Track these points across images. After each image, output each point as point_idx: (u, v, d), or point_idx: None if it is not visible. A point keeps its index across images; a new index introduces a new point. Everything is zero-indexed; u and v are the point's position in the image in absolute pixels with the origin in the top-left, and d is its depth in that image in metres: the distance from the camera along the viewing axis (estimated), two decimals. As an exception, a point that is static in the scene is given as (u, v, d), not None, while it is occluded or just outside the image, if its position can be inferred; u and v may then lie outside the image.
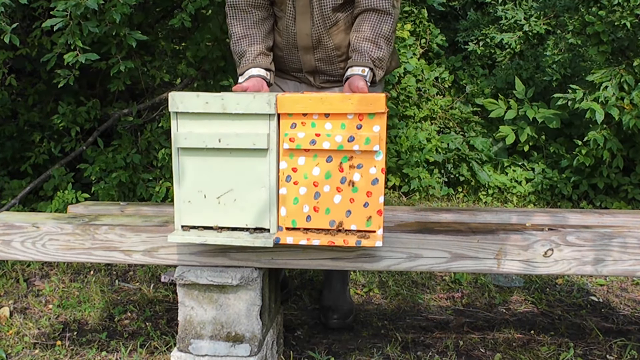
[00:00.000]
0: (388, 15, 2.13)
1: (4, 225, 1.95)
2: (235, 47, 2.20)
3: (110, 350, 2.32)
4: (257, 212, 1.74)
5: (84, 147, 3.69)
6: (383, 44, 2.12)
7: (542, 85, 4.96)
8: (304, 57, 2.25)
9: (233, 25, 2.20)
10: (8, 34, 2.61)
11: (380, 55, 2.12)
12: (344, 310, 2.49)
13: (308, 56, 2.24)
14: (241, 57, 2.18)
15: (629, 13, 3.77)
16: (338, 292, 2.54)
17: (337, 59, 2.25)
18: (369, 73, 2.08)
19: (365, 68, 2.09)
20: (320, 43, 2.21)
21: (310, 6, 2.17)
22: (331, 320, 2.46)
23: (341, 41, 2.22)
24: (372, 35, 2.11)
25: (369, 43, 2.11)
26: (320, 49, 2.23)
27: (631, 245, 1.81)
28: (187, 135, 1.70)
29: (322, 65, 2.27)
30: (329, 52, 2.23)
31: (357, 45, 2.12)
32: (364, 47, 2.11)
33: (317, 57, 2.24)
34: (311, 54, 2.24)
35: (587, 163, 4.01)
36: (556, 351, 2.29)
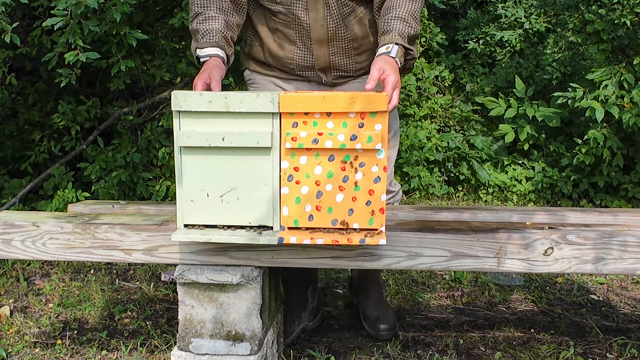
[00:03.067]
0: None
1: (4, 224, 1.95)
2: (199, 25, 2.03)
3: (111, 349, 2.32)
4: (260, 210, 1.74)
5: (84, 146, 3.69)
6: (412, 21, 2.00)
7: (542, 83, 4.96)
8: (318, 52, 2.14)
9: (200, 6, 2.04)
10: (9, 33, 2.61)
11: (410, 32, 1.99)
12: (391, 319, 2.39)
13: (322, 50, 2.14)
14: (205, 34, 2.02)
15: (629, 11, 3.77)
16: (379, 301, 2.46)
17: (353, 52, 2.15)
18: (395, 48, 1.94)
19: (390, 44, 1.95)
20: (336, 34, 2.10)
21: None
22: (381, 332, 2.36)
23: (358, 32, 2.12)
24: (401, 13, 1.99)
25: (397, 21, 1.98)
26: (336, 41, 2.12)
27: (631, 244, 1.81)
28: (189, 134, 1.70)
29: (337, 60, 2.16)
30: (345, 45, 2.13)
31: (384, 27, 2.00)
32: (392, 25, 1.98)
33: (332, 50, 2.13)
34: (325, 47, 2.13)
35: (587, 161, 4.02)
36: (556, 350, 2.30)
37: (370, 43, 2.17)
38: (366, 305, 2.46)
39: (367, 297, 2.47)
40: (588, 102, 3.79)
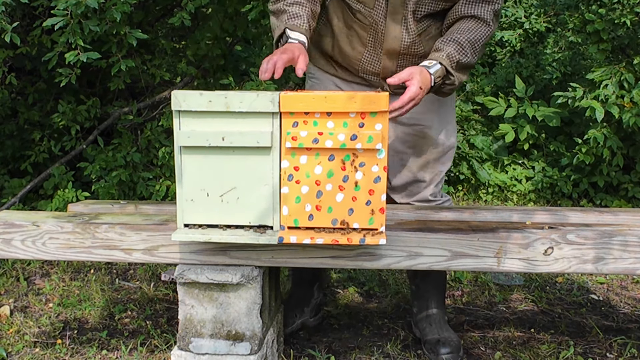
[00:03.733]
0: (486, 26, 2.01)
1: (4, 224, 1.95)
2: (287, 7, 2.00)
3: (111, 349, 2.32)
4: (260, 210, 1.74)
5: (84, 145, 3.69)
6: (469, 50, 1.96)
7: (542, 83, 4.96)
8: (386, 62, 2.11)
9: None
10: (9, 33, 2.61)
11: (463, 60, 1.95)
12: (454, 342, 2.25)
13: (392, 61, 2.11)
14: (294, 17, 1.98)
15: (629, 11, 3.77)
16: (440, 323, 2.32)
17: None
18: (436, 67, 1.92)
19: (434, 61, 1.93)
20: (408, 49, 2.08)
21: (403, 6, 2.02)
22: (442, 355, 2.21)
23: (429, 49, 2.07)
24: (460, 38, 1.97)
25: (452, 43, 1.96)
26: (407, 55, 2.09)
27: (631, 244, 1.81)
28: (190, 134, 1.70)
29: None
30: (416, 60, 2.07)
31: (438, 45, 1.98)
32: (444, 45, 1.97)
33: (400, 63, 2.10)
34: (395, 59, 2.10)
35: (587, 161, 4.01)
36: (556, 349, 2.30)
37: None
38: (426, 330, 2.32)
39: (428, 324, 2.33)
40: (588, 102, 3.79)
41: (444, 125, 2.24)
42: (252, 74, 3.58)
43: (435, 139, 2.23)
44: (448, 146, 2.27)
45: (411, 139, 2.23)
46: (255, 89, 3.37)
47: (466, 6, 2.03)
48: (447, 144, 2.26)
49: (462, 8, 2.03)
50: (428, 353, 2.26)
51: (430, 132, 2.21)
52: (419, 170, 2.26)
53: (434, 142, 2.23)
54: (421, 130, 2.21)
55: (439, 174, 2.30)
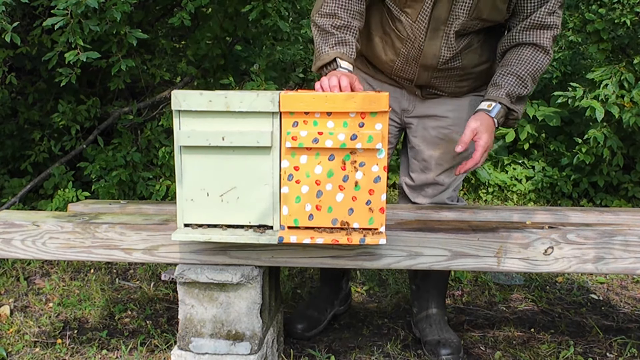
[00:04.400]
0: (546, 55, 1.98)
1: (4, 224, 1.95)
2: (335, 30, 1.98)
3: (111, 349, 2.32)
4: (260, 210, 1.74)
5: (84, 145, 3.69)
6: (530, 82, 1.95)
7: (542, 83, 4.96)
8: (422, 74, 2.11)
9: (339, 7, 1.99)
10: (9, 33, 2.61)
11: (522, 93, 1.95)
12: (454, 343, 2.24)
13: (426, 73, 2.10)
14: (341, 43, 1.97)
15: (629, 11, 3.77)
16: (440, 324, 2.32)
17: (457, 77, 2.12)
18: (497, 108, 1.94)
19: (493, 102, 1.94)
20: (446, 64, 2.07)
21: (446, 23, 1.99)
22: (443, 356, 2.21)
23: (470, 61, 2.08)
24: (521, 70, 1.95)
25: (512, 77, 1.95)
26: (444, 70, 2.09)
27: (632, 243, 1.81)
28: (190, 134, 1.70)
29: (437, 82, 2.14)
30: (451, 72, 2.09)
31: (497, 79, 1.97)
32: (505, 81, 1.95)
33: (435, 75, 2.11)
34: (431, 72, 2.10)
35: (587, 161, 4.02)
36: (556, 349, 2.30)
37: (478, 72, 2.14)
38: (426, 331, 2.31)
39: (428, 322, 2.33)
40: (588, 102, 3.79)
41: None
42: (252, 73, 3.58)
43: None
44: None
45: (437, 142, 2.21)
46: (255, 88, 3.37)
47: (525, 33, 1.99)
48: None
49: (520, 35, 1.99)
50: (428, 354, 2.26)
51: (457, 136, 2.15)
52: (440, 173, 2.24)
53: None
54: (448, 134, 2.19)
55: (458, 179, 2.29)
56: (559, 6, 1.99)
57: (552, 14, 1.98)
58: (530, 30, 1.99)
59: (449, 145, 2.20)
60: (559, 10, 2.00)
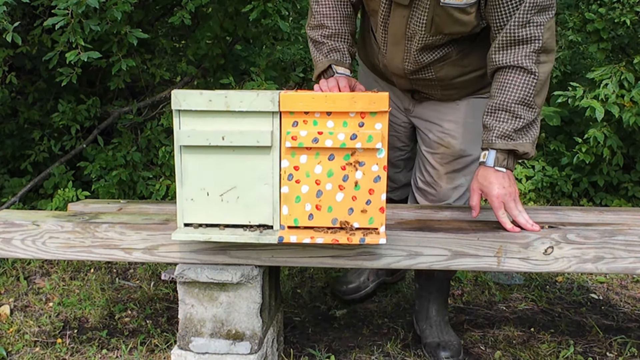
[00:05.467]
0: (530, 75, 1.76)
1: (4, 223, 1.95)
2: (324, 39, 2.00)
3: (111, 348, 2.33)
4: (260, 210, 1.74)
5: (84, 145, 3.69)
6: (521, 111, 1.76)
7: (542, 83, 4.95)
8: (399, 80, 2.09)
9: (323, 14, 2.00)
10: (10, 33, 2.61)
11: (517, 126, 1.75)
12: (454, 346, 2.23)
13: (402, 80, 2.08)
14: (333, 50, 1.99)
15: (629, 10, 3.76)
16: (440, 325, 2.31)
17: (439, 87, 2.05)
18: (492, 155, 1.78)
19: (487, 151, 1.79)
20: (416, 74, 2.01)
21: (404, 38, 1.94)
22: (443, 359, 2.20)
23: (447, 74, 1.99)
24: (507, 101, 1.77)
25: (500, 113, 1.78)
26: (418, 78, 2.04)
27: (632, 243, 1.81)
28: (190, 133, 1.70)
29: (420, 88, 2.11)
30: (428, 82, 2.04)
31: (485, 120, 1.81)
32: (493, 120, 1.79)
33: (413, 80, 2.07)
34: (406, 79, 2.07)
35: (587, 161, 4.01)
36: (556, 348, 2.30)
37: (463, 81, 2.04)
38: (426, 333, 2.31)
39: (429, 324, 2.32)
40: (588, 101, 3.78)
41: (471, 136, 2.12)
42: (253, 73, 3.58)
43: (459, 150, 2.16)
44: (473, 158, 2.16)
45: (436, 146, 2.20)
46: (255, 88, 3.37)
47: (501, 53, 1.79)
48: (474, 156, 2.15)
49: (498, 56, 1.80)
50: (428, 356, 2.26)
51: (453, 141, 2.15)
52: (439, 178, 2.22)
53: (458, 152, 2.16)
54: (444, 138, 2.17)
55: (461, 186, 2.21)
56: (534, 13, 1.74)
57: (526, 25, 1.75)
58: (506, 48, 1.79)
59: (446, 149, 2.18)
60: (538, 18, 1.75)
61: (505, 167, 1.79)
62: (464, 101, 2.13)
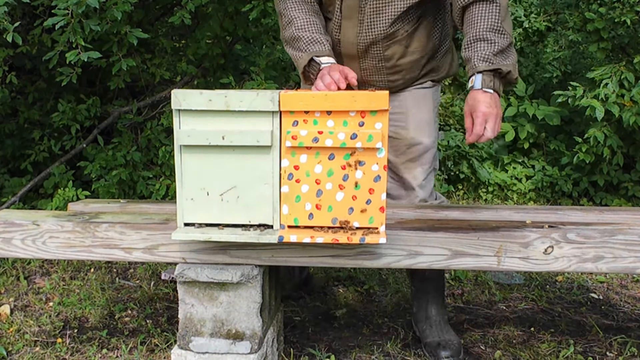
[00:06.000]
0: (492, 4, 1.90)
1: (4, 223, 1.95)
2: (298, 32, 2.02)
3: (111, 348, 2.33)
4: (260, 209, 1.74)
5: (84, 144, 3.69)
6: (494, 36, 1.87)
7: (542, 82, 4.96)
8: (349, 65, 2.10)
9: (290, 9, 2.05)
10: (10, 33, 2.61)
11: (494, 49, 1.86)
12: (454, 345, 2.23)
13: (353, 64, 2.11)
14: (312, 42, 2.00)
15: (629, 10, 3.77)
16: (440, 325, 2.30)
17: (385, 70, 2.13)
18: (478, 79, 1.86)
19: (473, 76, 1.88)
20: (367, 53, 2.08)
21: (359, 11, 2.03)
22: (443, 359, 2.20)
23: (394, 53, 2.09)
24: (478, 32, 1.89)
25: (475, 43, 1.89)
26: (367, 59, 2.10)
27: (632, 242, 1.81)
28: (190, 133, 1.70)
29: (367, 76, 2.15)
30: (376, 63, 2.11)
31: (464, 54, 1.92)
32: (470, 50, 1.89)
33: (362, 66, 2.13)
34: (356, 62, 2.11)
35: (587, 160, 4.02)
36: (556, 348, 2.30)
37: (409, 63, 2.13)
38: (426, 333, 2.30)
39: (428, 324, 2.31)
40: (588, 101, 3.79)
41: (419, 125, 2.21)
42: (253, 73, 3.58)
43: (410, 138, 2.21)
44: (425, 146, 2.23)
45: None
46: (255, 88, 3.37)
47: None
48: (425, 144, 2.23)
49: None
50: (428, 355, 2.25)
51: (403, 132, 2.21)
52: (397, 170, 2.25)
53: (409, 141, 2.21)
54: (395, 130, 2.21)
55: (419, 176, 2.25)
56: None
57: None
58: None
59: (397, 140, 2.22)
60: None
61: (493, 89, 1.86)
62: (407, 92, 2.21)
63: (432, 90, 2.25)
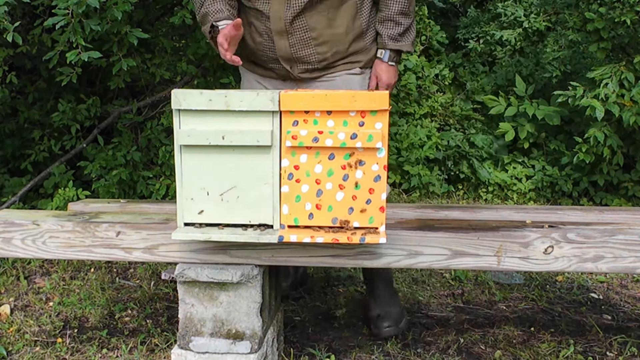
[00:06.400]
0: None
1: (4, 223, 1.95)
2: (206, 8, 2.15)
3: (111, 348, 2.33)
4: (260, 209, 1.74)
5: (84, 144, 3.69)
6: (402, 19, 2.22)
7: (542, 82, 4.96)
8: (279, 43, 2.16)
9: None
10: (11, 33, 2.61)
11: (399, 31, 2.23)
12: (393, 315, 2.32)
13: (282, 41, 2.16)
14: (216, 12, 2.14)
15: (629, 10, 3.76)
16: (385, 299, 2.38)
17: (312, 41, 2.17)
18: (387, 54, 2.25)
19: (382, 50, 2.26)
20: (293, 26, 2.14)
21: None
22: (383, 329, 2.29)
23: (316, 24, 2.15)
24: (390, 13, 2.22)
25: (388, 22, 2.23)
26: (295, 33, 2.15)
27: (632, 242, 1.81)
28: (190, 133, 1.70)
29: (297, 51, 2.18)
30: (303, 34, 2.16)
31: (377, 28, 2.26)
32: (382, 28, 2.24)
33: (291, 41, 2.16)
34: (285, 38, 2.16)
35: (587, 160, 4.01)
36: (556, 348, 2.30)
37: (334, 35, 2.21)
38: (370, 307, 2.39)
39: (374, 300, 2.38)
40: (588, 101, 3.79)
41: None
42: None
43: None
44: None
45: None
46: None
47: None
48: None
49: None
50: (372, 329, 2.30)
51: None
52: None
53: None
54: None
55: None
56: None
57: None
58: None
59: None
60: None
61: (395, 62, 2.28)
62: (339, 78, 2.28)
63: (360, 77, 2.32)
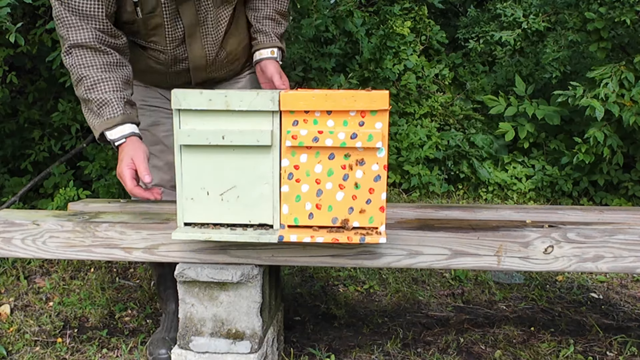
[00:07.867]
0: None
1: (4, 223, 1.95)
2: (87, 94, 1.85)
3: (111, 348, 2.33)
4: (260, 209, 1.74)
5: (85, 144, 3.69)
6: (281, 19, 2.21)
7: (542, 82, 4.96)
8: (196, 74, 2.15)
9: (78, 66, 1.85)
10: (13, 33, 2.61)
11: (282, 31, 2.22)
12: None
13: (200, 73, 2.16)
14: (102, 105, 1.83)
15: (629, 9, 3.77)
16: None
17: (228, 63, 2.21)
18: (278, 53, 2.19)
19: (274, 49, 2.18)
20: (216, 58, 2.14)
21: (198, 25, 2.05)
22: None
23: (231, 47, 2.18)
24: (270, 12, 2.18)
25: (269, 21, 2.18)
26: (214, 63, 2.16)
27: (632, 242, 1.81)
28: (189, 133, 1.70)
29: (214, 74, 2.20)
30: (222, 59, 2.17)
31: (259, 26, 2.18)
32: (267, 26, 2.17)
33: (209, 70, 2.17)
34: (204, 71, 2.16)
35: (587, 160, 4.02)
36: (556, 348, 2.30)
37: (241, 49, 2.24)
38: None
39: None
40: (588, 101, 3.79)
41: None
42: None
43: None
44: None
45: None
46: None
47: None
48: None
49: None
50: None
51: None
52: None
53: None
54: None
55: None
56: None
57: None
58: None
59: None
60: None
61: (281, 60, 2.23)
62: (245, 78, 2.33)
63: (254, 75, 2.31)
